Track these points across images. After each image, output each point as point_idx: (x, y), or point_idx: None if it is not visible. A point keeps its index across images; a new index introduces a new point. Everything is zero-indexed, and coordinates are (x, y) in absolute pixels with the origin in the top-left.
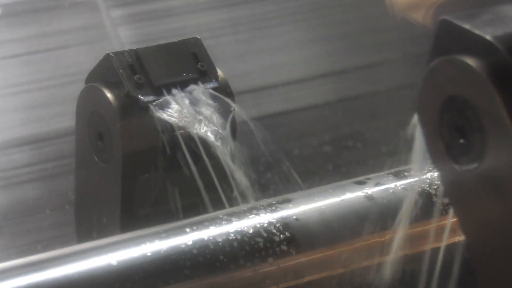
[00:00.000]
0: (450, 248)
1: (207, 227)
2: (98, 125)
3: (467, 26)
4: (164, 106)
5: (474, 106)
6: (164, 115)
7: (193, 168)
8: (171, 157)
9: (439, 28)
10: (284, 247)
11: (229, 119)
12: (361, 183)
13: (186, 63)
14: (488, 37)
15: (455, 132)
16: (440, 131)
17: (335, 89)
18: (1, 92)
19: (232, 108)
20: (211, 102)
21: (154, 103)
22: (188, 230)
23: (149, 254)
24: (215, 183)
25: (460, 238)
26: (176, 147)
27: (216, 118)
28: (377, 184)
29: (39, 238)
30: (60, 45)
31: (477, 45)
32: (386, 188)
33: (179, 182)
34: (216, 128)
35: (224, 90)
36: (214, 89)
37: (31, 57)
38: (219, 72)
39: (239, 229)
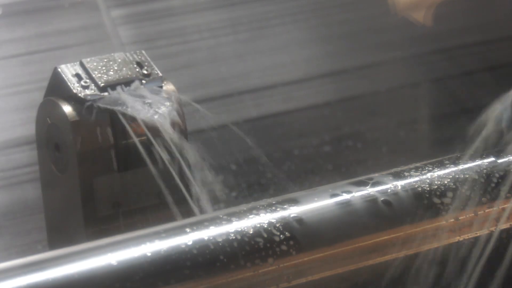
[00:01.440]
0: (448, 248)
1: (207, 227)
2: (55, 136)
3: None
4: (110, 102)
5: None
6: (111, 109)
7: (149, 163)
8: (124, 156)
9: None
10: (284, 247)
11: (171, 101)
12: (362, 183)
13: (129, 69)
14: None
15: None
16: None
17: (335, 89)
18: (1, 92)
19: (174, 96)
20: (154, 95)
21: (101, 101)
22: (188, 230)
23: (149, 254)
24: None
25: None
26: (128, 147)
27: (160, 105)
28: (378, 184)
29: (39, 238)
30: (60, 45)
31: None
32: (386, 188)
33: (136, 180)
34: (160, 110)
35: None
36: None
37: (31, 57)
38: (168, 84)
39: (239, 229)
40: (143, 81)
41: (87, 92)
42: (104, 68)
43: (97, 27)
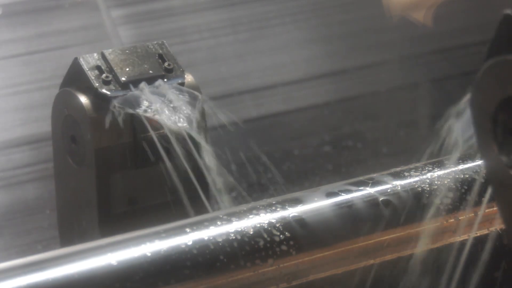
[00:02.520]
0: (445, 249)
1: (207, 227)
2: (71, 128)
3: None
4: (132, 101)
5: None
6: (131, 109)
7: (166, 162)
8: (143, 153)
9: (501, 24)
10: (284, 247)
11: (197, 108)
12: (362, 183)
13: (152, 63)
14: None
15: (509, 132)
16: (494, 130)
17: (335, 89)
18: (1, 92)
19: (199, 99)
20: (178, 95)
21: (122, 99)
22: (188, 230)
23: (149, 254)
24: (188, 174)
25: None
26: (147, 144)
27: (184, 109)
28: (378, 184)
29: (39, 238)
30: (60, 45)
31: None
32: (386, 188)
33: (152, 178)
34: (184, 117)
35: (191, 86)
36: (181, 84)
37: (31, 57)
38: (188, 76)
39: (239, 229)
40: (166, 79)
41: (108, 88)
42: (125, 61)
43: (97, 27)
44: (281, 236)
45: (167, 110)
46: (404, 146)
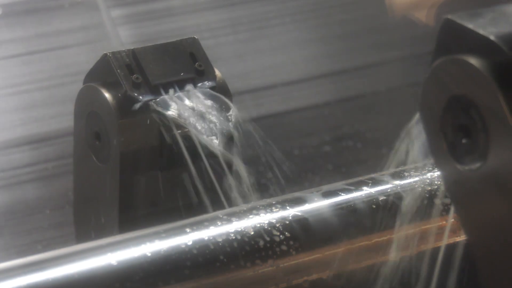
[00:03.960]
0: (451, 248)
1: (207, 227)
2: (96, 125)
3: (470, 25)
4: (162, 105)
5: (477, 105)
6: (162, 114)
7: (192, 167)
8: (169, 156)
9: (442, 27)
10: (284, 247)
11: (228, 118)
12: (362, 183)
13: (183, 63)
14: (492, 37)
15: (458, 131)
16: (443, 130)
17: (335, 89)
18: (1, 92)
19: (231, 110)
20: (208, 101)
21: (153, 102)
22: (188, 230)
23: (149, 254)
24: (213, 182)
25: (460, 238)
26: (174, 146)
27: (214, 117)
28: (378, 184)
29: (39, 238)
30: (60, 45)
31: (480, 45)
32: (386, 188)
33: (177, 181)
34: (215, 127)
35: (222, 89)
36: (212, 88)
37: (31, 57)
38: (217, 73)
39: (239, 229)
40: (196, 82)
41: (138, 92)
42: (156, 60)
43: (97, 27)
44: (281, 236)
45: (196, 119)
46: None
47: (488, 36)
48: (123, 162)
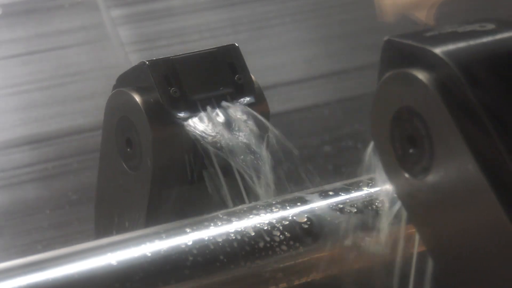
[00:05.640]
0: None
1: (207, 227)
2: (127, 132)
3: (414, 43)
4: (198, 123)
5: (423, 116)
6: (198, 132)
7: (222, 182)
8: (200, 172)
9: (385, 49)
10: (284, 247)
11: (264, 143)
12: (362, 183)
13: (222, 75)
14: (437, 51)
15: (406, 143)
16: (392, 143)
17: (335, 89)
18: (1, 92)
19: (267, 132)
20: (246, 119)
21: (190, 120)
22: (188, 230)
23: (149, 254)
24: (244, 196)
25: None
26: (206, 161)
27: (251, 139)
28: (377, 184)
29: (39, 238)
30: (60, 45)
31: (424, 60)
32: (386, 188)
33: (204, 195)
34: (251, 154)
35: (259, 103)
36: (250, 104)
37: (31, 57)
38: (256, 83)
39: (239, 229)
40: (234, 98)
41: (176, 107)
42: (195, 71)
43: (97, 27)
44: (281, 236)
45: (231, 139)
46: None
47: (433, 51)
48: (155, 176)
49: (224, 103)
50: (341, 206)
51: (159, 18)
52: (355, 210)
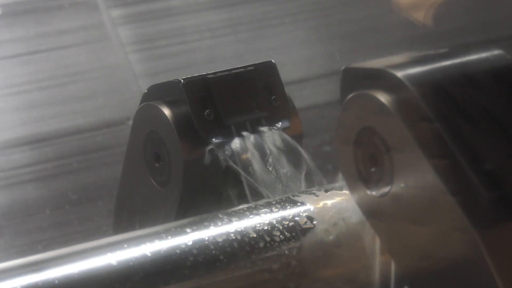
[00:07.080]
0: None
1: (207, 227)
2: (157, 147)
3: (372, 66)
4: (231, 148)
5: (383, 136)
6: (230, 157)
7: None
8: (229, 196)
9: (342, 77)
10: (284, 247)
11: (302, 176)
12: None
13: (258, 96)
14: (399, 75)
15: (368, 161)
16: (355, 161)
17: (335, 89)
18: (1, 92)
19: (304, 162)
20: (279, 147)
21: (222, 145)
22: (188, 230)
23: (149, 254)
24: None
25: None
26: (236, 182)
27: (286, 170)
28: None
29: (39, 238)
30: (60, 45)
31: (381, 82)
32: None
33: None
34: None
35: (294, 124)
36: (285, 129)
37: (31, 57)
38: (289, 97)
39: (239, 229)
40: (269, 122)
41: (209, 131)
42: (230, 92)
43: (97, 27)
44: (281, 236)
45: (263, 167)
46: None
47: (395, 74)
48: (183, 195)
49: (259, 128)
50: (341, 205)
51: (159, 18)
52: (356, 210)
